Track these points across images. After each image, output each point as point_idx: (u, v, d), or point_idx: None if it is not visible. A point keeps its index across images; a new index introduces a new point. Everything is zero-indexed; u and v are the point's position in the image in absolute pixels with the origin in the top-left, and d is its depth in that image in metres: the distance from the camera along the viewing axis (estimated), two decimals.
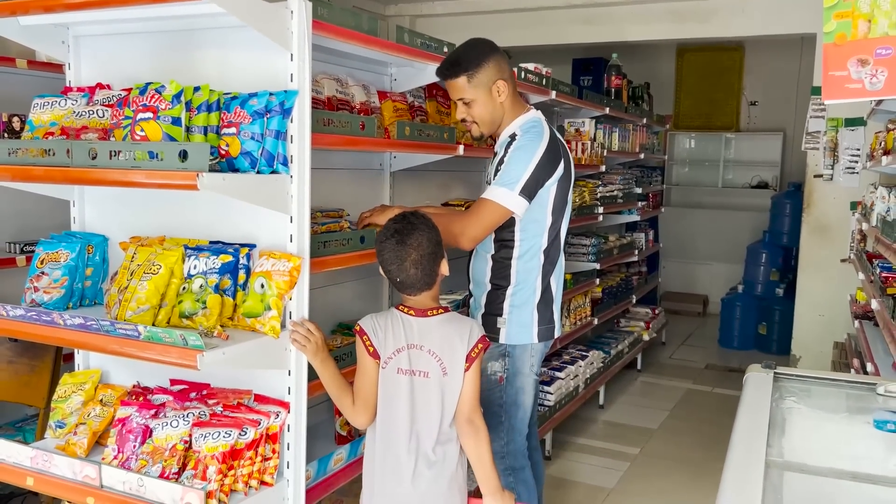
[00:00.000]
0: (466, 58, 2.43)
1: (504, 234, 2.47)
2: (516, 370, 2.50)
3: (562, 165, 2.45)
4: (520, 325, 2.48)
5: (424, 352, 2.01)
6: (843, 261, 5.31)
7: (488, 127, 2.50)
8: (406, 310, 2.04)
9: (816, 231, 5.59)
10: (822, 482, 1.39)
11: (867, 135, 5.24)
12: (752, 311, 6.72)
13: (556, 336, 2.57)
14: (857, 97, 1.85)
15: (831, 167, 5.49)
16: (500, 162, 2.42)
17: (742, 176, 8.37)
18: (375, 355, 2.02)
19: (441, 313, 2.05)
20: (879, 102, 3.73)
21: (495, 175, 2.42)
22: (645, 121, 5.89)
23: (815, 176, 5.59)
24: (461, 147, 2.97)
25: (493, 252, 2.50)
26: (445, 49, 2.85)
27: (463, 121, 2.51)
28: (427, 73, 2.91)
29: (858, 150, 5.36)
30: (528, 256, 2.47)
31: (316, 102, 2.42)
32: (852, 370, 3.88)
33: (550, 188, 2.43)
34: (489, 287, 2.51)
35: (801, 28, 5.59)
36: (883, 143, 3.76)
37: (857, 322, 3.97)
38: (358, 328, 2.05)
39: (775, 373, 1.97)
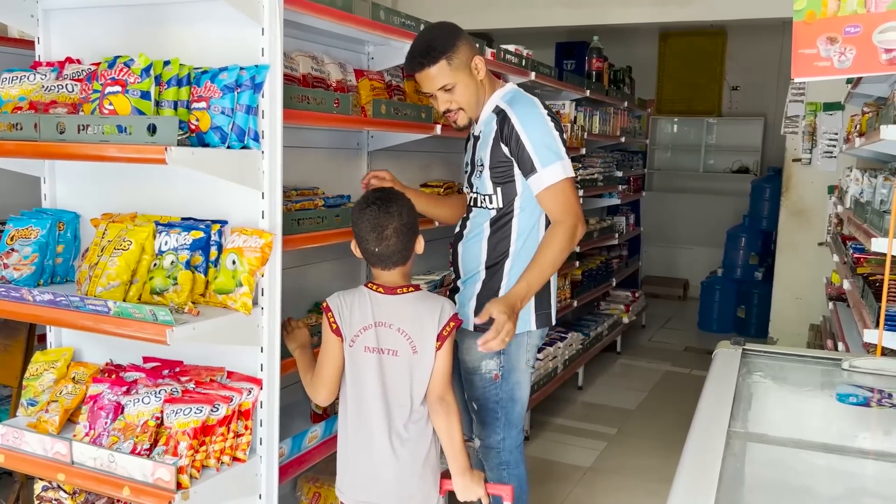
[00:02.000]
0: (441, 40, 2.27)
1: (502, 213, 2.35)
2: (512, 366, 2.40)
3: (560, 123, 2.38)
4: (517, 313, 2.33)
5: (393, 330, 2.00)
6: (820, 244, 5.37)
7: (475, 110, 2.36)
8: (375, 287, 2.04)
9: (794, 215, 5.64)
10: (783, 451, 1.41)
11: (845, 119, 5.29)
12: (732, 294, 6.78)
13: (552, 323, 2.46)
14: (825, 75, 1.87)
15: (810, 151, 5.53)
16: (500, 140, 2.28)
17: (723, 161, 8.42)
18: (338, 333, 2.02)
19: (411, 291, 2.04)
20: (855, 85, 3.76)
21: (517, 158, 2.25)
22: (626, 104, 5.90)
23: (793, 160, 5.64)
24: (438, 127, 2.97)
25: (488, 234, 2.37)
26: (422, 27, 2.83)
27: (447, 112, 2.35)
28: (405, 51, 2.89)
29: (836, 134, 5.40)
30: (527, 234, 2.35)
31: (291, 79, 2.40)
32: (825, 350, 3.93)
33: None
34: (483, 274, 2.39)
35: (783, 12, 5.54)
36: (858, 126, 3.79)
37: (831, 304, 4.01)
38: (325, 305, 2.05)
39: (744, 349, 1.99)
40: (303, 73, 2.51)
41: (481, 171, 2.36)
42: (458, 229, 2.52)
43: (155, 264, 2.01)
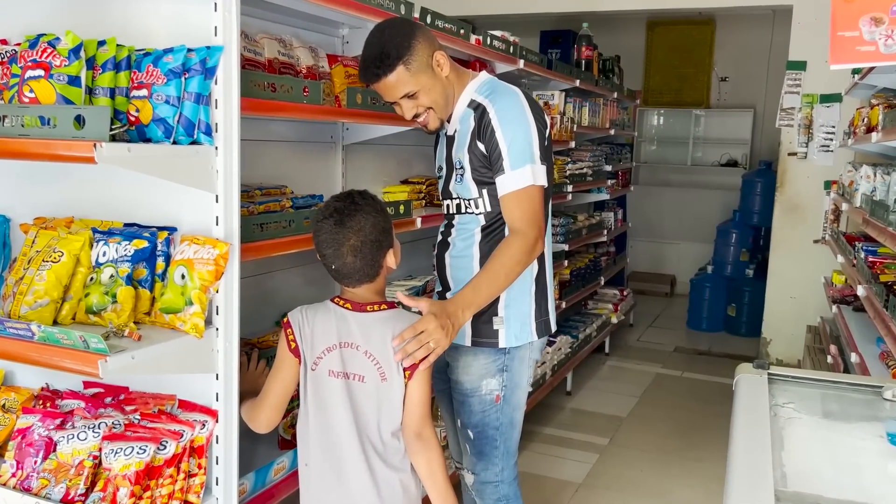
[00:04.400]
0: (394, 44, 1.95)
1: (493, 217, 2.09)
2: (514, 384, 2.15)
3: (545, 116, 2.12)
4: (520, 322, 2.11)
5: (360, 353, 1.76)
6: (816, 241, 5.17)
7: (445, 110, 2.09)
8: (342, 303, 1.80)
9: (789, 211, 5.44)
10: None
11: (843, 111, 5.09)
12: (722, 292, 6.58)
13: (552, 332, 2.23)
14: (869, 61, 1.62)
15: (805, 145, 5.33)
16: (477, 137, 2.03)
17: (711, 154, 8.21)
18: (297, 353, 1.79)
19: (383, 309, 1.80)
20: (863, 76, 3.54)
21: (490, 156, 2.01)
22: (616, 95, 5.66)
23: (788, 154, 5.43)
24: None
25: (479, 240, 2.11)
26: (402, 9, 2.55)
27: (415, 118, 2.07)
28: None
29: (834, 127, 5.20)
30: None
31: (255, 65, 2.13)
32: (829, 357, 3.73)
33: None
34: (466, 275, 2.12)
35: (772, 0, 5.38)
36: (866, 119, 3.57)
37: (834, 306, 3.80)
38: (285, 320, 1.81)
39: (769, 374, 1.75)
40: (268, 57, 2.23)
41: (462, 175, 2.10)
42: (440, 237, 2.24)
43: (91, 279, 1.73)
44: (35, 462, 1.75)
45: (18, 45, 1.75)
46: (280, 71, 2.25)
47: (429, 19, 2.71)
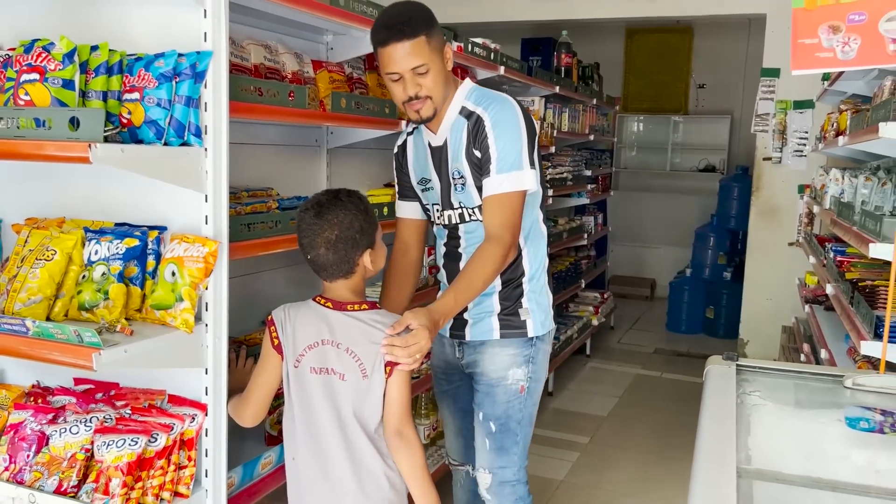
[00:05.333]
0: (420, 14, 1.95)
1: (470, 202, 2.12)
2: (538, 376, 2.18)
3: (534, 122, 2.15)
4: (543, 311, 2.18)
5: (342, 350, 1.81)
6: (791, 244, 5.29)
7: (440, 102, 2.04)
8: (324, 301, 1.85)
9: (765, 214, 5.56)
10: (796, 492, 1.25)
11: (815, 117, 5.22)
12: (700, 294, 6.70)
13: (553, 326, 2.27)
14: (828, 67, 1.71)
15: (780, 150, 5.46)
16: (473, 145, 2.03)
17: (690, 159, 8.35)
18: (279, 350, 1.84)
19: (364, 309, 1.84)
20: (832, 82, 3.65)
21: (481, 160, 2.02)
22: (595, 101, 5.76)
23: (763, 159, 5.55)
24: (403, 122, 2.77)
25: None
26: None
27: (411, 99, 1.99)
28: (366, 41, 2.68)
29: (807, 132, 5.33)
30: (533, 232, 2.17)
31: (241, 70, 2.19)
32: (802, 355, 3.83)
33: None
34: (499, 286, 2.14)
35: (749, 8, 5.52)
36: (836, 124, 3.69)
37: (807, 306, 3.91)
38: (269, 318, 1.86)
39: (738, 365, 1.83)
40: (254, 62, 2.30)
41: (463, 184, 2.08)
42: (446, 249, 2.23)
43: (84, 276, 1.78)
44: (28, 456, 1.79)
45: (12, 49, 1.80)
46: (266, 76, 2.31)
47: None
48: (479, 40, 3.61)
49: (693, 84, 8.21)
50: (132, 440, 1.71)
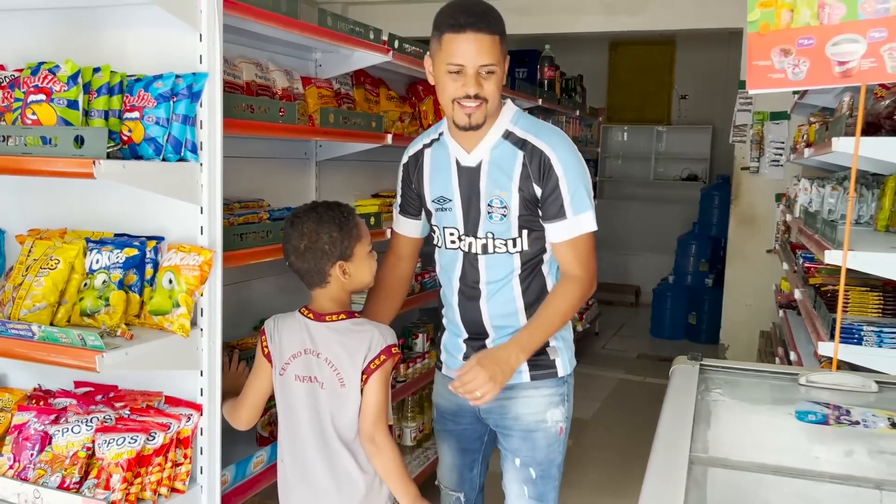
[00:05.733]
0: (498, 14, 1.82)
1: (529, 257, 1.96)
2: (570, 414, 2.09)
3: None
4: (568, 348, 2.07)
5: (322, 360, 1.88)
6: (768, 251, 5.44)
7: (491, 113, 1.87)
8: (307, 312, 1.93)
9: (743, 222, 5.71)
10: (745, 477, 1.37)
11: (790, 128, 5.38)
12: (683, 301, 6.84)
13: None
14: (780, 87, 1.85)
15: (757, 160, 5.62)
16: (534, 180, 1.88)
17: (673, 168, 8.52)
18: (269, 358, 1.94)
19: (342, 319, 1.90)
20: (802, 96, 3.80)
21: (544, 200, 1.89)
22: (578, 113, 5.90)
23: (742, 168, 5.71)
24: (389, 136, 2.89)
25: (519, 276, 1.97)
26: (371, 35, 2.75)
27: (467, 97, 1.81)
28: (354, 59, 2.82)
29: (783, 143, 5.49)
30: (556, 269, 2.02)
31: (233, 87, 2.31)
32: (777, 359, 3.96)
33: None
34: (524, 321, 1.99)
35: (729, 23, 5.68)
36: (805, 136, 3.84)
37: (781, 311, 4.05)
38: (262, 328, 1.97)
39: (701, 364, 1.96)
40: (246, 80, 2.42)
41: (505, 215, 1.91)
42: (460, 285, 2.02)
43: (85, 284, 1.89)
44: (31, 455, 1.89)
45: (19, 70, 1.91)
46: (257, 93, 2.43)
47: (396, 44, 2.91)
48: None
49: (675, 95, 8.39)
50: (131, 438, 1.81)
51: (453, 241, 2.01)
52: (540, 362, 1.99)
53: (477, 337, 2.04)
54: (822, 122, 3.41)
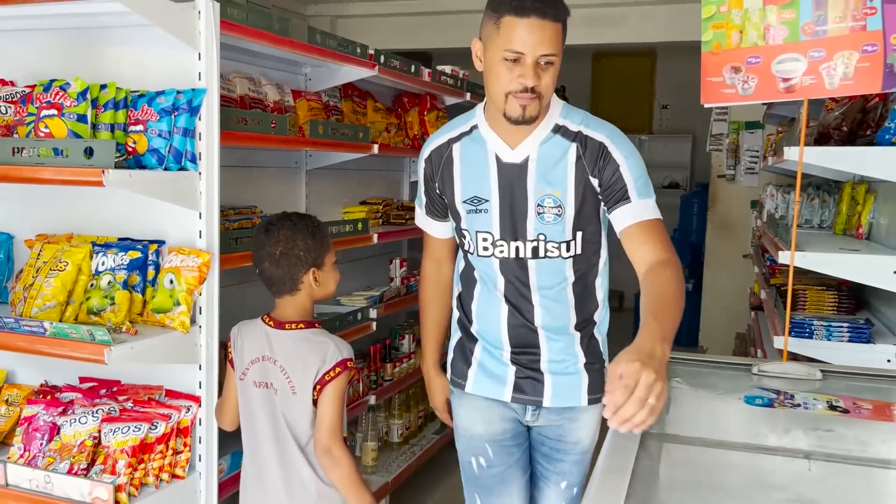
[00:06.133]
0: (564, 2, 1.66)
1: (586, 258, 1.86)
2: None
3: None
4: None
5: (277, 367, 1.93)
6: (744, 256, 5.63)
7: (545, 102, 1.72)
8: (268, 320, 1.98)
9: (720, 228, 5.90)
10: (694, 450, 1.53)
11: (764, 137, 5.58)
12: None
13: None
14: (731, 101, 2.02)
15: (733, 168, 5.81)
16: (590, 172, 1.75)
17: (655, 177, 8.54)
18: (232, 364, 2.02)
19: (300, 328, 1.95)
20: (770, 107, 3.99)
21: (605, 189, 1.75)
22: None
23: (718, 176, 5.90)
24: (376, 146, 3.05)
25: (571, 286, 1.85)
26: (358, 50, 2.91)
27: (524, 90, 1.63)
28: (341, 73, 2.98)
29: (757, 151, 5.69)
30: (605, 269, 1.95)
31: (228, 101, 2.45)
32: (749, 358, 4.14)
33: None
34: (577, 334, 1.89)
35: None
36: (773, 145, 4.03)
37: (753, 313, 4.23)
38: (230, 333, 2.04)
39: None
40: (240, 94, 2.56)
41: (559, 214, 1.77)
42: (507, 302, 1.86)
43: (92, 284, 2.03)
44: (41, 444, 2.03)
45: (29, 87, 2.06)
46: (250, 105, 2.58)
47: (382, 59, 3.07)
48: (447, 68, 3.90)
49: (657, 105, 8.60)
50: (135, 427, 1.95)
51: (486, 248, 1.81)
52: (598, 385, 1.86)
53: (525, 351, 1.87)
54: (783, 132, 3.60)
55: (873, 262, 2.23)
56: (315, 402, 1.92)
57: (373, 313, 3.03)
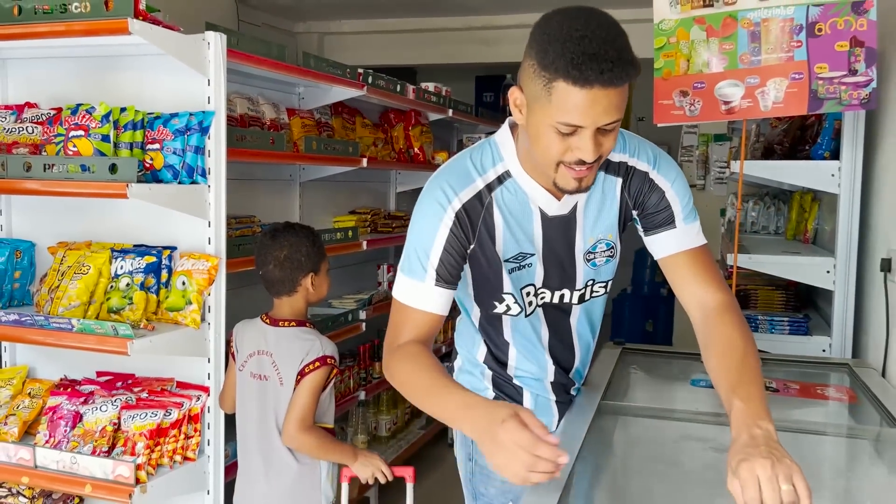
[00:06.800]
0: (629, 48, 1.29)
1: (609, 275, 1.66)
2: None
3: None
4: None
5: (270, 359, 2.16)
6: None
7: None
8: (265, 318, 2.22)
9: None
10: (641, 420, 1.79)
11: (729, 149, 5.89)
12: (640, 309, 7.31)
13: None
14: (680, 121, 2.30)
15: (704, 178, 6.11)
16: (632, 204, 1.54)
17: None
18: (233, 356, 2.25)
19: (293, 326, 2.18)
20: (733, 122, 4.28)
21: (645, 214, 1.53)
22: None
23: (689, 186, 6.19)
24: (364, 160, 3.29)
25: (598, 323, 1.76)
26: (348, 72, 3.16)
27: (583, 164, 1.34)
28: (332, 93, 3.23)
29: (726, 162, 5.99)
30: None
31: (230, 120, 2.68)
32: None
33: None
34: (592, 349, 1.79)
35: None
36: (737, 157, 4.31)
37: None
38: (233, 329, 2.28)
39: (624, 348, 2.38)
40: (240, 113, 2.81)
41: (611, 256, 1.61)
42: (550, 341, 1.66)
43: (111, 286, 2.26)
44: (65, 430, 2.25)
45: (55, 109, 2.29)
46: (249, 124, 2.82)
47: (370, 80, 3.32)
48: (430, 85, 4.16)
49: (633, 117, 8.91)
50: (152, 413, 2.18)
51: (530, 303, 1.59)
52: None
53: (570, 387, 1.74)
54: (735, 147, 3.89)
55: (810, 264, 2.51)
56: None
57: (362, 315, 3.27)
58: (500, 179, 1.48)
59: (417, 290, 1.46)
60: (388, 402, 3.78)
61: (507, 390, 1.69)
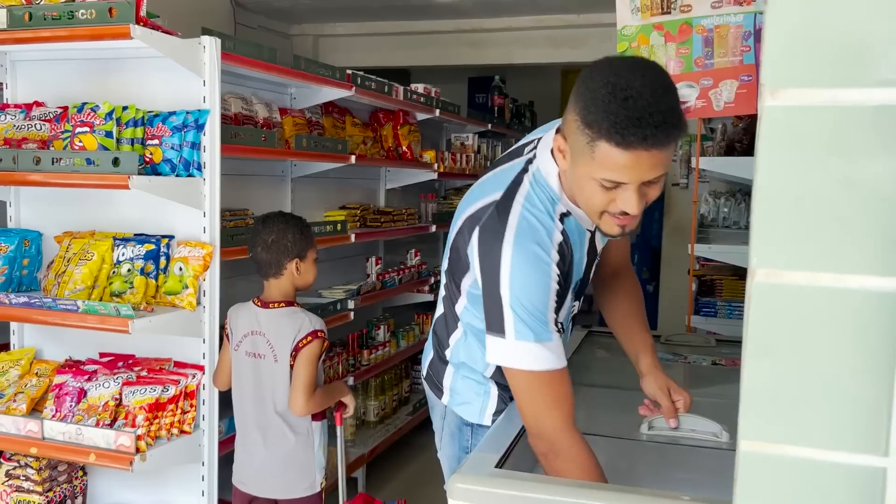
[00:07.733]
0: (678, 106, 1.29)
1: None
2: None
3: None
4: None
5: (264, 339, 2.32)
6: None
7: None
8: (257, 301, 2.39)
9: (674, 232, 6.38)
10: (602, 390, 1.97)
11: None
12: None
13: None
14: None
15: (686, 176, 6.29)
16: None
17: None
18: (228, 338, 2.41)
19: (282, 307, 2.35)
20: (710, 121, 4.47)
21: None
22: None
23: (673, 184, 6.38)
24: (353, 157, 3.47)
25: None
26: (337, 74, 3.34)
27: (620, 214, 1.36)
28: (323, 93, 3.40)
29: None
30: None
31: (224, 118, 2.86)
32: None
33: None
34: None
35: None
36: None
37: None
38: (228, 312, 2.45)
39: (590, 331, 2.56)
40: (234, 112, 2.98)
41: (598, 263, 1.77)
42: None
43: (114, 272, 2.44)
44: (71, 405, 2.43)
45: (61, 107, 2.47)
46: (243, 122, 3.00)
47: (359, 81, 3.50)
48: (420, 87, 4.34)
49: None
50: (152, 388, 2.36)
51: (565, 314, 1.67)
52: None
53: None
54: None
55: None
56: (291, 368, 2.30)
57: (351, 304, 3.44)
58: (562, 219, 1.48)
59: (552, 351, 1.42)
60: (375, 389, 3.95)
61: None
